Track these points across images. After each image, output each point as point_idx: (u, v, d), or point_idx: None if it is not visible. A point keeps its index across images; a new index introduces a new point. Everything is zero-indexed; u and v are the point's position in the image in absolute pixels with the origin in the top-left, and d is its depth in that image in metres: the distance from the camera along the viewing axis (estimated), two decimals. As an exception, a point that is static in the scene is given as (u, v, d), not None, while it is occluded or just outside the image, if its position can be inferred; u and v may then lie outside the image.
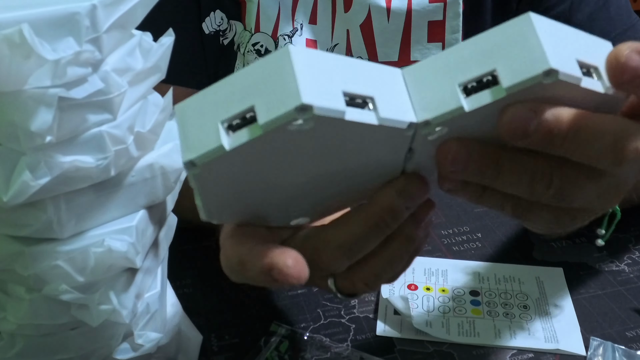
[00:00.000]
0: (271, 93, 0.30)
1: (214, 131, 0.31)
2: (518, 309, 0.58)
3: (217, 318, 0.58)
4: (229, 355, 0.54)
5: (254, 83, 0.30)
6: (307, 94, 0.29)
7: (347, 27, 0.80)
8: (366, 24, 0.80)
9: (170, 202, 0.45)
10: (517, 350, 0.54)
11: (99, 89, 0.35)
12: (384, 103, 0.32)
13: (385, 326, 0.56)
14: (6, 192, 0.34)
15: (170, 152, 0.42)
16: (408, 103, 0.33)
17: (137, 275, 0.41)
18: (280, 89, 0.30)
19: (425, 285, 0.61)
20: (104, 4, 0.34)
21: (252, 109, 0.30)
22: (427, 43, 0.81)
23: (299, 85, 0.29)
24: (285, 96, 0.29)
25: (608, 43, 0.34)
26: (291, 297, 0.60)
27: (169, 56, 0.40)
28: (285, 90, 0.29)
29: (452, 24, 0.81)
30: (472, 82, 0.32)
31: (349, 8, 0.79)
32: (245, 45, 0.79)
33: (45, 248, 0.37)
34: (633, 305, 0.59)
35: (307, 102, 0.29)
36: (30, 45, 0.31)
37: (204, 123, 0.31)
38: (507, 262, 0.65)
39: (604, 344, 0.53)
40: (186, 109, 0.32)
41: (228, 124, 0.30)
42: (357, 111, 0.31)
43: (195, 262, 0.65)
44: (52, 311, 0.39)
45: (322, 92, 0.30)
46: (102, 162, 0.36)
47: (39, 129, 0.32)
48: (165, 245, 0.46)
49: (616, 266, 0.64)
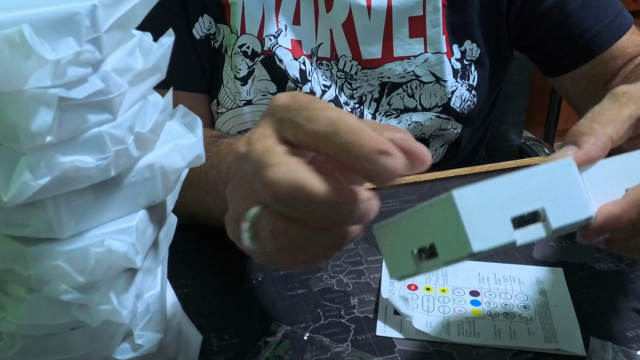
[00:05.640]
0: (447, 236, 0.36)
1: (408, 258, 0.38)
2: (518, 309, 0.58)
3: (217, 318, 0.58)
4: (229, 355, 0.54)
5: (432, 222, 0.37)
6: (477, 242, 0.35)
7: (329, 27, 0.81)
8: (348, 22, 0.80)
9: (170, 202, 0.45)
10: (517, 351, 0.54)
11: (99, 89, 0.35)
12: (554, 211, 0.37)
13: (385, 326, 0.56)
14: (6, 192, 0.34)
15: (170, 152, 0.42)
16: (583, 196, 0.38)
17: (137, 275, 0.41)
18: (453, 235, 0.35)
19: (425, 286, 0.61)
20: (104, 4, 0.34)
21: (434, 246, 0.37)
22: (408, 39, 0.82)
23: (467, 234, 0.35)
24: (458, 243, 0.35)
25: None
26: (291, 297, 0.60)
27: (169, 56, 0.40)
28: (457, 237, 0.35)
29: (432, 19, 0.82)
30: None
31: (330, 8, 0.80)
32: (232, 48, 0.80)
33: (45, 248, 0.37)
34: (633, 305, 0.59)
35: (477, 250, 0.35)
36: (31, 45, 0.31)
37: (400, 249, 0.39)
38: (507, 262, 0.65)
39: (604, 344, 0.53)
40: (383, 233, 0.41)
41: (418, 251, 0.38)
42: (527, 231, 0.37)
43: (195, 262, 0.65)
44: (52, 311, 0.39)
45: (490, 229, 0.35)
46: (102, 162, 0.36)
47: (39, 129, 0.32)
48: (165, 245, 0.46)
49: (616, 266, 0.64)
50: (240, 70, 0.80)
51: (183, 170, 0.43)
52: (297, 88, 0.81)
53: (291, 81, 0.80)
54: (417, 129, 0.85)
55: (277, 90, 0.81)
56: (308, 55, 0.81)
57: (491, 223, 0.35)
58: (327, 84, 0.82)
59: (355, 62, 0.82)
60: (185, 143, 0.42)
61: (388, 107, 0.84)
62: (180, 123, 0.45)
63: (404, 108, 0.84)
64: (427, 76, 0.83)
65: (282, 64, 0.80)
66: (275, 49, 0.79)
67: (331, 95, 0.82)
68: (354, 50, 0.81)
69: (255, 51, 0.80)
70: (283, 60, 0.80)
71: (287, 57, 0.80)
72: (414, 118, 0.85)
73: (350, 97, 0.83)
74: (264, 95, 0.81)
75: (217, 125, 0.84)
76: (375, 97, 0.84)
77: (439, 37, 0.82)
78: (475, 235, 0.35)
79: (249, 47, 0.80)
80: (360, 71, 0.82)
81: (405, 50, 0.82)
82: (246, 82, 0.80)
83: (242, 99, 0.81)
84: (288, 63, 0.80)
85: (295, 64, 0.80)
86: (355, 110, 0.83)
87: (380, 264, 0.64)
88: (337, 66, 0.82)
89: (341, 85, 0.83)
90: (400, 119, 0.85)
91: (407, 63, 0.82)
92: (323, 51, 0.82)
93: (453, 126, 0.86)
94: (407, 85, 0.83)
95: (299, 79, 0.80)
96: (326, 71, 0.82)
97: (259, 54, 0.80)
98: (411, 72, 0.82)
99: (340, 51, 0.82)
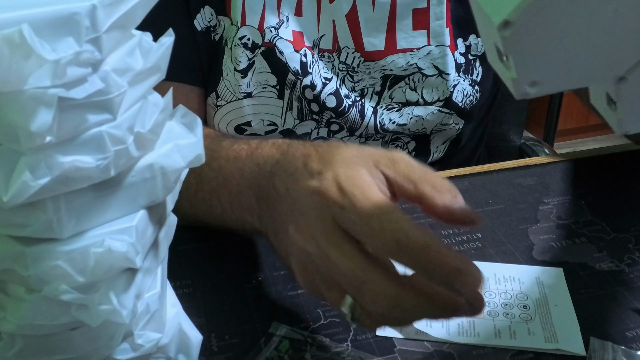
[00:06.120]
0: None
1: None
2: (518, 309, 0.58)
3: (217, 318, 0.58)
4: (229, 355, 0.54)
5: None
6: None
7: (332, 18, 0.81)
8: (351, 13, 0.80)
9: (170, 202, 0.45)
10: (517, 351, 0.54)
11: (99, 89, 0.35)
12: None
13: (386, 326, 0.56)
14: (6, 192, 0.34)
15: (170, 152, 0.42)
16: None
17: (137, 275, 0.41)
18: None
19: (425, 285, 0.61)
20: (104, 4, 0.34)
21: None
22: (412, 31, 0.82)
23: None
24: None
25: None
26: (291, 297, 0.60)
27: (168, 56, 0.40)
28: None
29: (436, 11, 0.82)
30: None
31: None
32: (232, 40, 0.79)
33: (45, 248, 0.37)
34: (633, 305, 0.59)
35: None
36: (30, 45, 0.31)
37: None
38: (507, 262, 0.65)
39: (604, 344, 0.53)
40: None
41: None
42: None
43: (195, 262, 0.65)
44: (52, 311, 0.39)
45: None
46: (102, 162, 0.36)
47: (39, 129, 0.32)
48: (165, 245, 0.46)
49: (616, 266, 0.64)
50: (240, 62, 0.80)
51: (183, 170, 0.43)
52: (297, 80, 0.80)
53: (292, 74, 0.80)
54: (419, 123, 0.85)
55: (277, 82, 0.81)
56: (310, 47, 0.81)
57: None
58: (329, 77, 0.82)
59: (358, 54, 0.82)
60: (185, 143, 0.42)
61: (390, 101, 0.84)
62: (180, 123, 0.45)
63: (406, 101, 0.84)
64: (429, 69, 0.82)
65: (282, 56, 0.79)
66: (275, 41, 0.79)
67: (332, 88, 0.82)
68: (356, 42, 0.81)
69: (255, 43, 0.79)
70: (284, 53, 0.79)
71: (288, 49, 0.79)
72: (416, 112, 0.84)
73: (352, 89, 0.83)
74: (264, 88, 0.81)
75: (216, 119, 0.84)
76: (377, 90, 0.83)
77: (442, 30, 0.81)
78: None
79: (249, 39, 0.79)
80: (363, 63, 0.82)
81: (408, 43, 0.82)
82: (246, 75, 0.80)
83: (241, 91, 0.80)
84: (289, 55, 0.79)
85: (296, 56, 0.79)
86: (356, 103, 0.83)
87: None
88: (339, 58, 0.82)
89: (343, 78, 0.83)
90: (402, 112, 0.84)
91: (410, 55, 0.82)
92: (325, 43, 0.82)
93: (455, 121, 0.86)
94: (410, 78, 0.83)
95: (299, 71, 0.80)
96: (328, 63, 0.82)
97: (259, 46, 0.79)
98: (414, 65, 0.82)
99: (342, 43, 0.81)
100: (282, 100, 0.82)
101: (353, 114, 0.83)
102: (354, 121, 0.84)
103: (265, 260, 0.65)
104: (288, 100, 0.82)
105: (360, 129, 0.84)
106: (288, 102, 0.82)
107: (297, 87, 0.81)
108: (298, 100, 0.82)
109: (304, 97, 0.81)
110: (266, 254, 0.66)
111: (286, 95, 0.81)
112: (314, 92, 0.81)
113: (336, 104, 0.82)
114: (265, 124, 0.83)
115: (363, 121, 0.84)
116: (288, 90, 0.81)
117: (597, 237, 0.68)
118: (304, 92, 0.81)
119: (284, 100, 0.82)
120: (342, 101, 0.82)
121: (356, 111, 0.83)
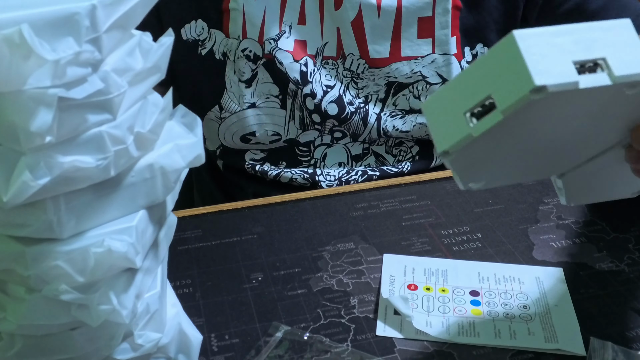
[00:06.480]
0: (506, 80, 0.34)
1: (460, 122, 0.36)
2: (518, 309, 0.58)
3: (217, 318, 0.58)
4: (229, 355, 0.54)
5: (487, 73, 0.35)
6: (539, 76, 0.33)
7: (337, 25, 0.81)
8: (357, 21, 0.81)
9: (170, 202, 0.45)
10: (517, 350, 0.54)
11: (98, 89, 0.35)
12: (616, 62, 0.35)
13: (385, 326, 0.56)
14: (6, 192, 0.34)
15: (170, 152, 0.42)
16: None
17: (137, 275, 0.41)
18: (513, 75, 0.34)
19: (425, 285, 0.61)
20: (104, 4, 0.34)
21: (490, 97, 0.35)
22: (417, 39, 0.82)
23: (529, 69, 0.33)
24: (519, 81, 0.33)
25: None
26: (291, 297, 0.60)
27: (168, 56, 0.40)
28: (518, 75, 0.33)
29: (441, 20, 0.82)
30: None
31: (340, 6, 0.80)
32: (234, 53, 0.81)
33: (45, 248, 0.37)
34: (633, 305, 0.59)
35: (541, 84, 0.33)
36: (30, 46, 0.31)
37: (450, 116, 0.37)
38: (507, 262, 0.65)
39: (604, 344, 0.53)
40: (431, 106, 0.38)
41: (471, 113, 0.36)
42: (591, 78, 0.34)
43: (195, 262, 0.65)
44: (52, 311, 0.39)
45: (552, 68, 0.33)
46: (102, 162, 0.36)
47: (39, 129, 0.32)
48: (165, 245, 0.46)
49: (616, 266, 0.64)
50: (244, 73, 0.81)
51: (183, 170, 0.43)
52: (298, 90, 0.81)
53: (292, 83, 0.81)
54: (422, 130, 0.85)
55: (280, 92, 0.82)
56: (312, 55, 0.82)
57: (553, 62, 0.34)
58: (331, 84, 0.82)
59: (363, 61, 0.82)
60: (185, 143, 0.42)
61: (394, 108, 0.84)
62: (180, 123, 0.45)
63: (410, 109, 0.84)
64: (433, 77, 0.83)
65: (282, 67, 0.81)
66: (275, 52, 0.80)
67: (334, 96, 0.82)
68: (361, 49, 0.82)
69: (257, 55, 0.81)
70: (283, 63, 0.80)
71: (288, 59, 0.81)
72: (420, 119, 0.85)
73: (356, 96, 0.84)
74: (267, 98, 0.82)
75: (221, 131, 0.85)
76: (381, 97, 0.84)
77: (447, 39, 0.82)
78: (537, 71, 0.33)
79: (251, 51, 0.81)
80: (367, 70, 0.82)
81: (413, 51, 0.82)
82: (250, 85, 0.82)
83: (245, 101, 0.82)
84: (288, 65, 0.80)
85: (295, 65, 0.81)
86: (360, 109, 0.83)
87: (380, 264, 0.64)
88: (344, 65, 0.82)
89: (347, 84, 0.83)
90: (405, 119, 0.85)
91: (414, 63, 0.82)
92: (329, 50, 0.82)
93: None
94: (414, 86, 0.83)
95: (299, 80, 0.81)
96: (331, 70, 0.83)
97: (260, 58, 0.81)
98: (418, 73, 0.83)
99: (347, 49, 0.82)
100: (285, 110, 0.83)
101: (356, 121, 0.84)
102: (357, 127, 0.84)
103: (265, 260, 0.65)
104: (290, 110, 0.83)
105: (364, 135, 0.85)
106: (290, 112, 0.83)
107: (298, 96, 0.82)
108: (300, 109, 0.83)
109: (305, 106, 0.82)
110: (266, 254, 0.66)
111: (288, 105, 0.83)
112: (314, 101, 0.81)
113: (338, 112, 0.82)
114: (269, 133, 0.84)
115: (366, 127, 0.84)
116: (290, 100, 0.82)
117: (597, 237, 0.68)
118: (305, 100, 0.82)
119: (286, 110, 0.83)
120: (344, 108, 0.83)
121: (359, 118, 0.83)
